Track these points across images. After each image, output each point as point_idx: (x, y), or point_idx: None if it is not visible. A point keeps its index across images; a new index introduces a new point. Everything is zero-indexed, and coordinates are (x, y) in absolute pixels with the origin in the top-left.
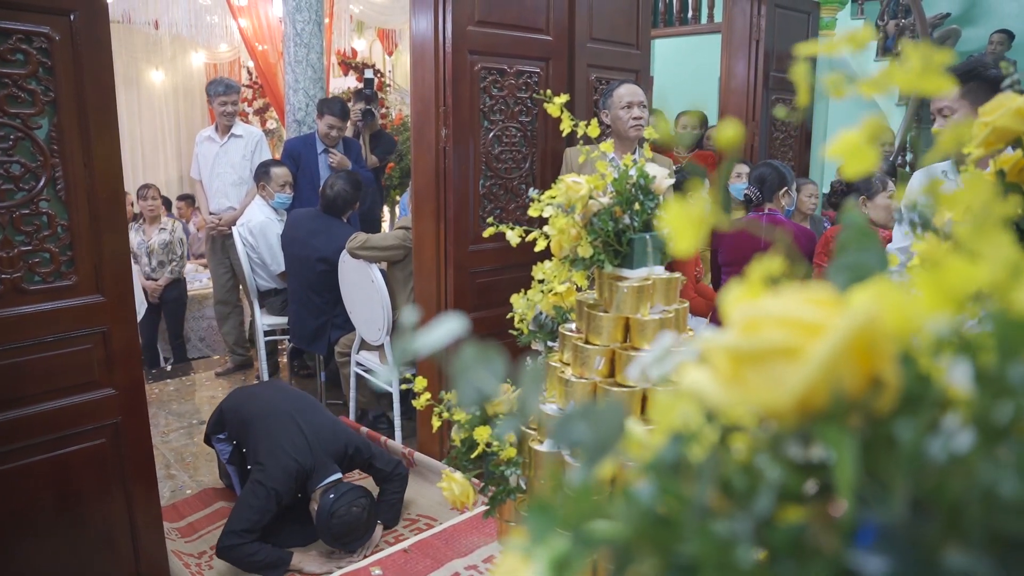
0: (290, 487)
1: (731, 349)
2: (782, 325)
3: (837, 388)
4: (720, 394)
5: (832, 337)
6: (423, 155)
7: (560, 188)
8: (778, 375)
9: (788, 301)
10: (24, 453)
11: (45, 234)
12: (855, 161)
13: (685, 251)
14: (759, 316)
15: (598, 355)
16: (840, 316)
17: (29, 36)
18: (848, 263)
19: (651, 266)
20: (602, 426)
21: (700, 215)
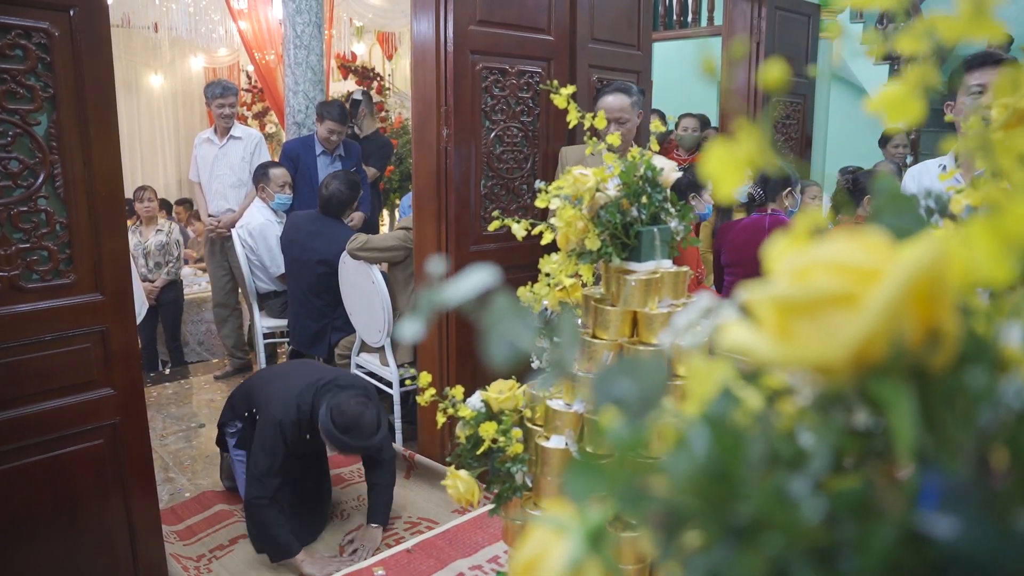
0: (292, 417)
1: (780, 299)
2: (835, 271)
3: (896, 338)
4: (768, 349)
5: (892, 282)
6: (424, 155)
7: (567, 180)
8: (832, 325)
9: (840, 246)
10: (21, 454)
11: (43, 232)
12: (899, 112)
13: (726, 196)
14: (809, 263)
15: (606, 350)
16: (898, 261)
17: (28, 31)
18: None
19: (659, 259)
20: (645, 380)
21: (743, 157)
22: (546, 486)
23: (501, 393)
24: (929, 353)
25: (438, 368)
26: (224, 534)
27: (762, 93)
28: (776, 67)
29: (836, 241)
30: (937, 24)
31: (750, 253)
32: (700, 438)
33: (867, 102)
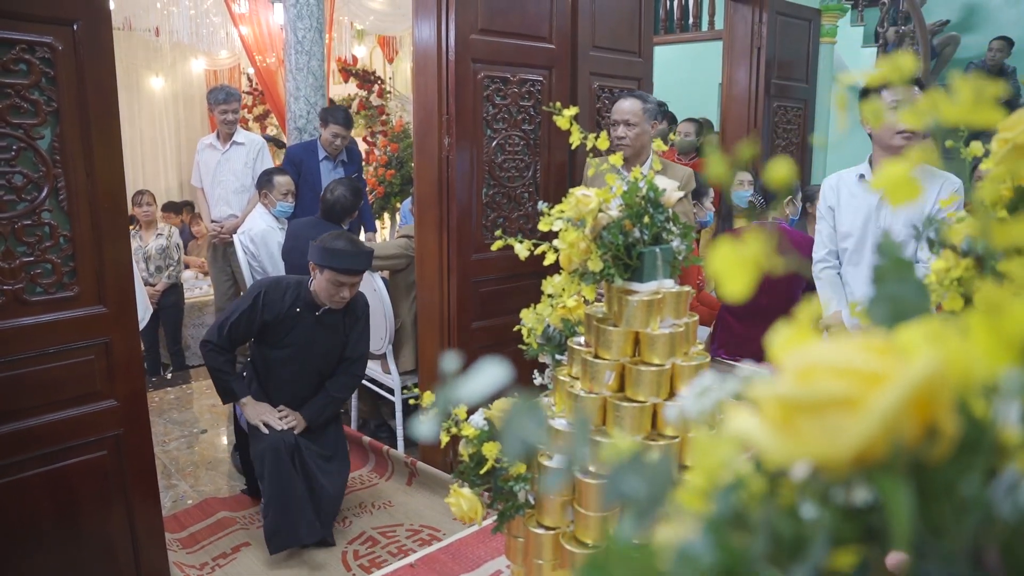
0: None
1: (785, 398)
2: (839, 374)
3: (896, 440)
4: (771, 442)
5: (895, 390)
6: (426, 163)
7: (570, 202)
8: (835, 426)
9: (843, 348)
10: (25, 466)
11: (47, 245)
12: (899, 193)
13: (734, 296)
14: (814, 364)
15: (608, 370)
16: (901, 366)
17: (32, 46)
18: (887, 294)
19: (661, 280)
20: (652, 479)
21: (750, 257)
22: (548, 504)
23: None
24: (927, 448)
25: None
26: (227, 542)
27: (763, 96)
28: (781, 166)
29: (840, 342)
30: (938, 106)
31: None
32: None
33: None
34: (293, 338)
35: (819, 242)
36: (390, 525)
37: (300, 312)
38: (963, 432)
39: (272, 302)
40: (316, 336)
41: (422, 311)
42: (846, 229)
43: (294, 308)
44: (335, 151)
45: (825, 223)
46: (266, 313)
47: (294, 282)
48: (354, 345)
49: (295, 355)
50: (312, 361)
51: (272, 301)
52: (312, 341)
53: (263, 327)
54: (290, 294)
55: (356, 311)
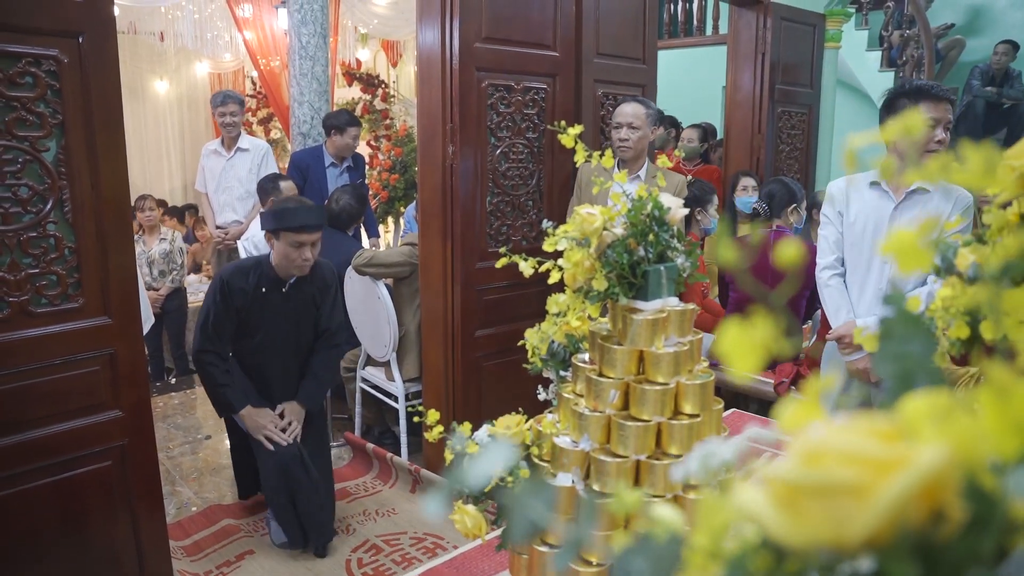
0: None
1: (793, 482)
2: (847, 461)
3: (904, 526)
4: (777, 523)
5: (904, 481)
6: (430, 172)
7: (574, 220)
8: (842, 512)
9: (852, 433)
10: (31, 476)
11: (52, 256)
12: (909, 261)
13: (742, 374)
14: (822, 448)
15: (612, 388)
16: (909, 453)
17: (38, 59)
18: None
19: (665, 298)
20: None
21: (759, 340)
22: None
23: (509, 428)
24: (935, 529)
25: (444, 384)
26: (231, 549)
27: (767, 101)
28: (791, 249)
29: (850, 426)
30: (948, 170)
31: (755, 269)
32: None
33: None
34: (265, 321)
35: (825, 248)
36: (394, 533)
37: (266, 293)
38: (972, 510)
39: (236, 289)
40: (288, 314)
41: (426, 319)
42: (855, 237)
43: (259, 289)
44: (348, 153)
45: (832, 228)
46: (234, 300)
47: (253, 263)
48: (328, 316)
49: (271, 339)
50: (289, 341)
51: (236, 288)
52: (285, 320)
53: (236, 316)
54: (252, 276)
55: (324, 279)
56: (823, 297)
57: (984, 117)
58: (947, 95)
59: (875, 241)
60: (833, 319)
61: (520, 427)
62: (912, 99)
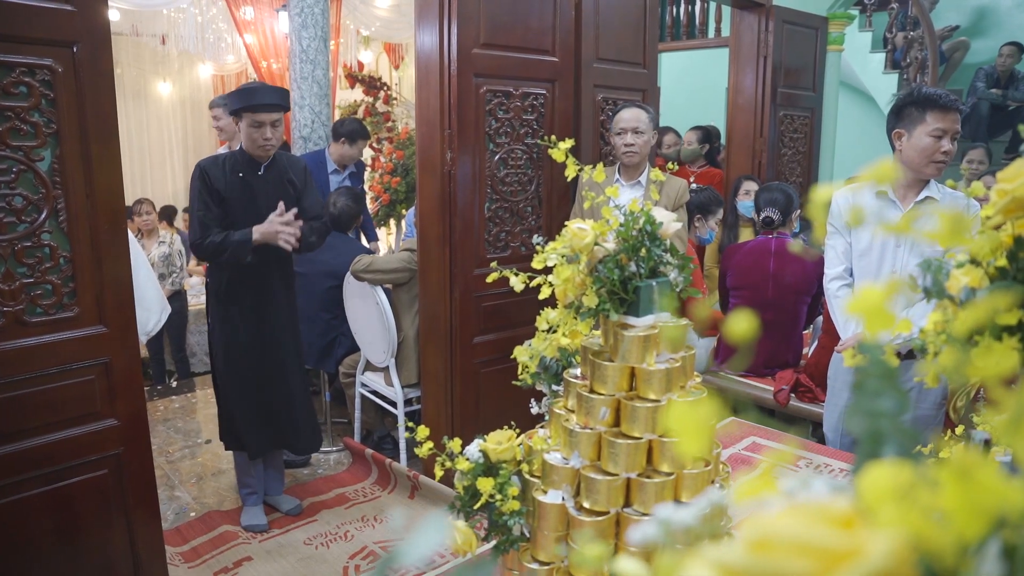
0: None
1: (740, 571)
2: (797, 550)
3: None
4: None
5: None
6: (428, 178)
7: (565, 236)
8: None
9: (803, 518)
10: (26, 485)
11: (47, 266)
12: (875, 322)
13: (691, 457)
14: (771, 536)
15: (603, 405)
16: (863, 542)
17: (32, 69)
18: (866, 407)
19: (657, 314)
20: None
21: (707, 419)
22: (543, 540)
23: (500, 444)
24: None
25: (444, 390)
26: (229, 556)
27: (769, 105)
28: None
29: (801, 509)
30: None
31: (756, 276)
32: None
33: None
34: (247, 203)
35: (833, 258)
36: (392, 540)
37: (244, 176)
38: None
39: (215, 176)
40: (268, 193)
41: (424, 324)
42: (863, 247)
43: (236, 174)
44: (346, 164)
45: (840, 238)
46: (215, 184)
47: (227, 153)
48: (310, 207)
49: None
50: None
51: (215, 175)
52: (266, 200)
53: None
54: (227, 162)
55: (298, 166)
56: (832, 308)
57: (989, 119)
58: (956, 105)
59: (883, 251)
60: (843, 331)
61: (511, 443)
62: (920, 108)
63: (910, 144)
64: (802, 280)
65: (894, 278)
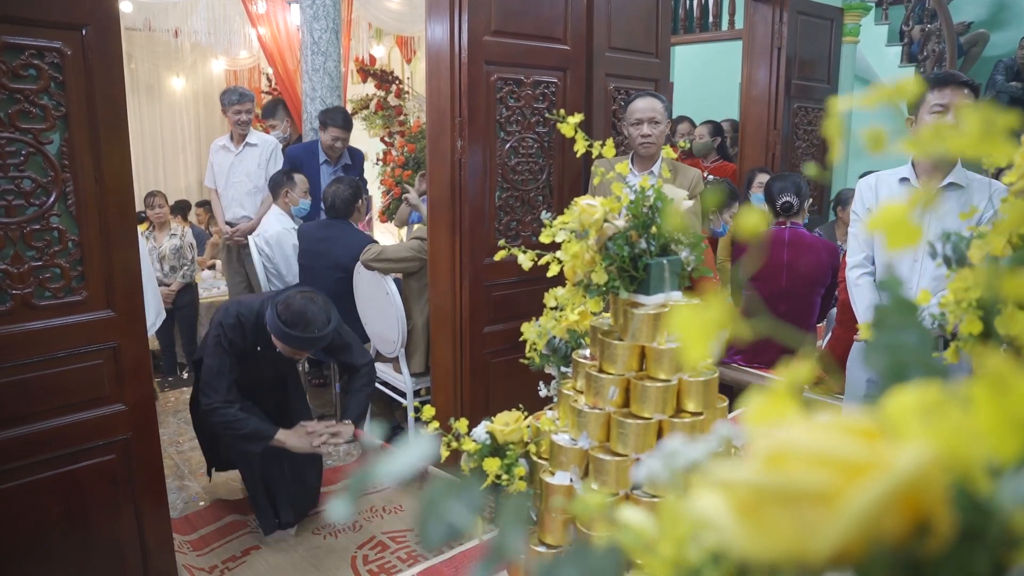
0: (231, 320)
1: (753, 486)
2: (815, 463)
3: (878, 540)
4: (735, 533)
5: (877, 487)
6: (438, 166)
7: (573, 212)
8: (807, 521)
9: (823, 432)
10: (34, 469)
11: (55, 249)
12: (897, 236)
13: (694, 363)
14: (787, 449)
15: (612, 385)
16: (886, 454)
17: (41, 51)
18: (886, 343)
19: (668, 292)
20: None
21: (711, 322)
22: (550, 522)
23: (507, 425)
24: (918, 544)
25: (453, 380)
26: (237, 544)
27: (783, 97)
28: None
29: (819, 424)
30: (946, 137)
31: (769, 266)
32: None
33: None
34: (256, 369)
35: (855, 246)
36: (401, 530)
37: (261, 351)
38: (963, 521)
39: (235, 344)
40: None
41: (434, 314)
42: None
43: (255, 347)
44: (335, 154)
45: (863, 225)
46: (233, 351)
47: (252, 321)
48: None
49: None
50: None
51: (235, 344)
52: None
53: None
54: (250, 335)
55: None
56: (853, 296)
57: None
58: (955, 79)
59: None
60: (863, 319)
61: (519, 424)
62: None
63: (917, 127)
64: (816, 270)
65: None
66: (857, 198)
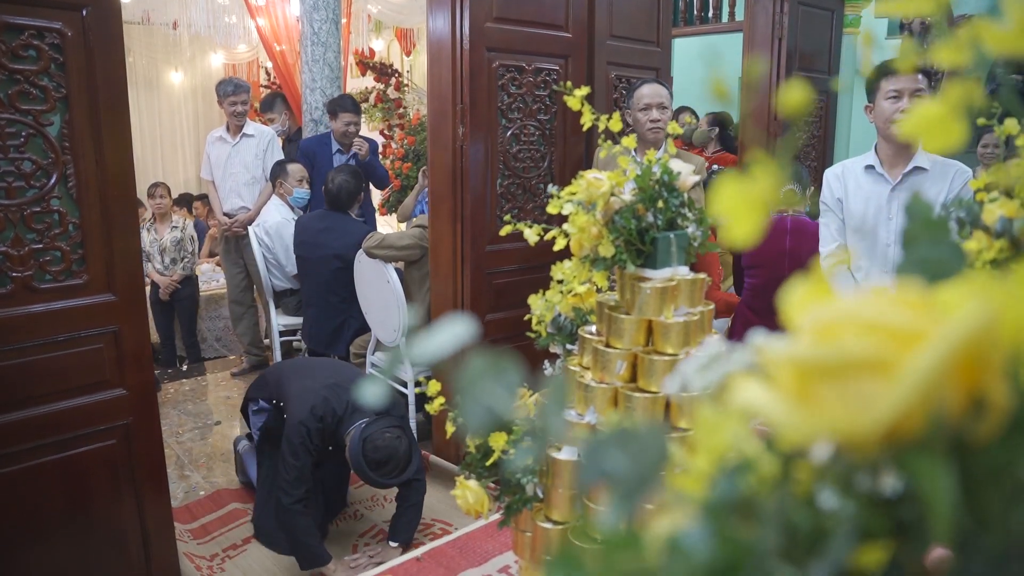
0: (317, 427)
1: (803, 361)
2: (868, 331)
3: (936, 410)
4: (786, 415)
5: (935, 350)
6: (440, 154)
7: (581, 184)
8: (862, 394)
9: (874, 301)
10: (34, 454)
11: (56, 232)
12: (936, 136)
13: (742, 239)
14: (838, 319)
15: (619, 359)
16: (943, 322)
17: (41, 32)
18: (919, 258)
19: (675, 266)
20: (641, 453)
21: (761, 195)
22: (557, 498)
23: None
24: (972, 423)
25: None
26: (238, 533)
27: None
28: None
29: (870, 296)
30: (982, 35)
31: (772, 254)
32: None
33: (904, 124)
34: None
35: (827, 236)
36: None
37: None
38: (1018, 404)
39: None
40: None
41: (436, 303)
42: (856, 223)
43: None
44: (349, 139)
45: (833, 215)
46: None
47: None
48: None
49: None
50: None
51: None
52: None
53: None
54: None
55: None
56: None
57: None
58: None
59: (875, 225)
60: None
61: (525, 399)
62: (876, 79)
63: (875, 114)
64: None
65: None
66: (825, 189)
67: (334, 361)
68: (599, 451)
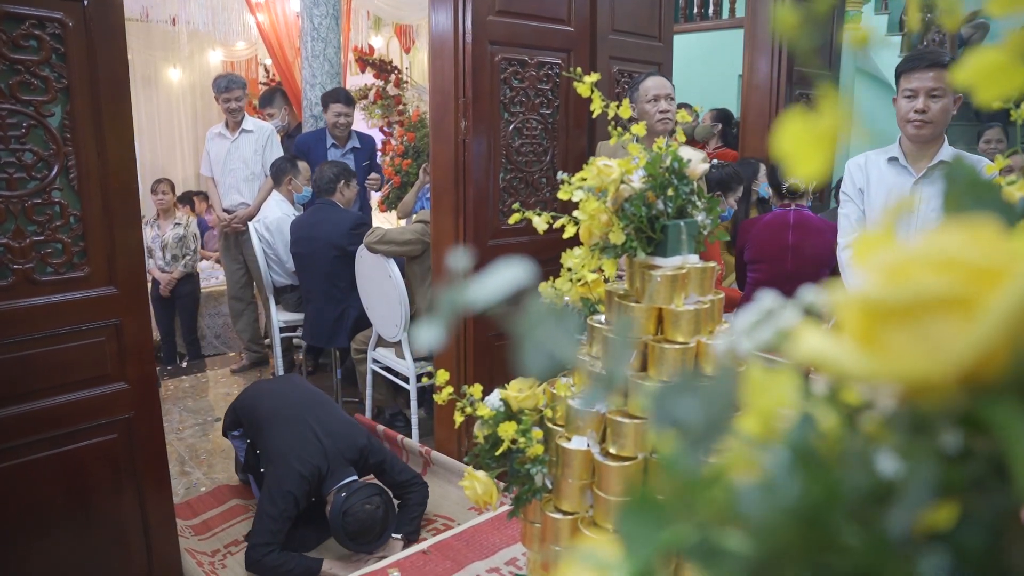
0: (304, 491)
1: (875, 303)
2: (944, 269)
3: (1019, 352)
4: (854, 362)
5: (1020, 284)
6: (442, 148)
7: (591, 171)
8: (937, 335)
9: (949, 239)
10: (35, 448)
11: (57, 224)
12: (995, 85)
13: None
14: (911, 259)
15: None
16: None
17: (42, 21)
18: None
19: (685, 254)
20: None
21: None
22: (566, 488)
23: (521, 392)
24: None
25: (455, 363)
26: (239, 529)
27: (784, 85)
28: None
29: (943, 233)
30: None
31: (774, 249)
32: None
33: (956, 73)
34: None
35: (847, 227)
36: None
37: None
38: None
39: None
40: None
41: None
42: (876, 214)
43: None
44: (341, 131)
45: (853, 206)
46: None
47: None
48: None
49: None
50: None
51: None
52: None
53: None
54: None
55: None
56: (845, 279)
57: None
58: (925, 61)
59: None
60: None
61: (533, 390)
62: (898, 77)
63: (896, 111)
64: (822, 252)
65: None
66: (847, 178)
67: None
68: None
